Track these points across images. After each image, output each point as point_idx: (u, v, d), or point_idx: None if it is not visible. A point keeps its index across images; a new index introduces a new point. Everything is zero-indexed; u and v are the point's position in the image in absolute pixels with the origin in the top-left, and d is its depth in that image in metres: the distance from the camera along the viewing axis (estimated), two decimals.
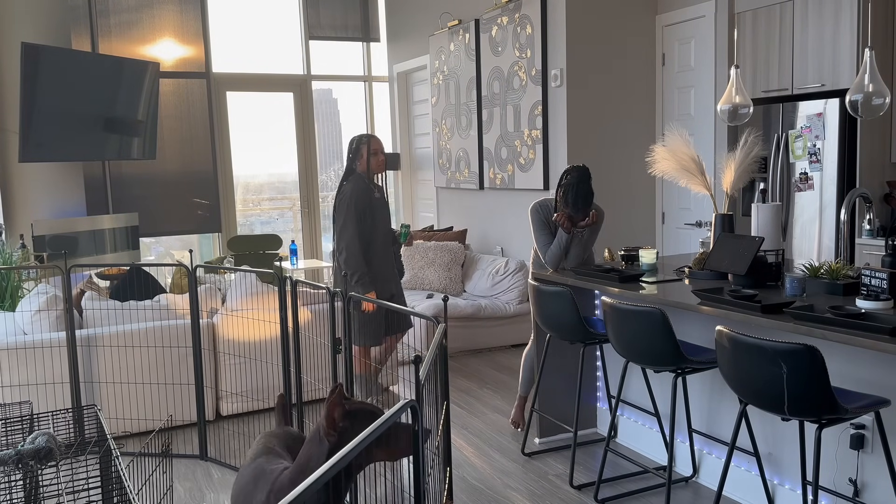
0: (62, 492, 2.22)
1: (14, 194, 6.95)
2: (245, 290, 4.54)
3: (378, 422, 1.45)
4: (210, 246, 8.30)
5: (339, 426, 2.04)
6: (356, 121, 8.83)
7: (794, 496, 3.08)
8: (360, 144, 4.34)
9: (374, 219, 4.31)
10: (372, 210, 4.30)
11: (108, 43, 7.25)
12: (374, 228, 4.32)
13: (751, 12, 4.97)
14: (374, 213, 4.31)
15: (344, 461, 1.27)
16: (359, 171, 4.35)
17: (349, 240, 4.20)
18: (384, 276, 4.39)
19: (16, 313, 4.37)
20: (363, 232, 4.27)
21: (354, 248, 4.20)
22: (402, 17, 8.23)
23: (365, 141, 4.34)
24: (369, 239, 4.31)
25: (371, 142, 4.34)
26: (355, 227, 4.22)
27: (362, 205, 4.25)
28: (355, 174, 4.35)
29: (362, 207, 4.25)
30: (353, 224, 4.21)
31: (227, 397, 4.53)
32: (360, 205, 4.24)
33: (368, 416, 2.06)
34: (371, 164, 4.33)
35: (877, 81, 3.29)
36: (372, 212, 4.30)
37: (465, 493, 3.52)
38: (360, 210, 4.25)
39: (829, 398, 2.40)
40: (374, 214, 4.31)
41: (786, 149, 4.75)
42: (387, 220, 4.42)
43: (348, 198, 4.25)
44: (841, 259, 3.70)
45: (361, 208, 4.25)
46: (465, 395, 4.89)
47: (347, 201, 4.25)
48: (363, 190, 4.29)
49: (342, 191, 4.33)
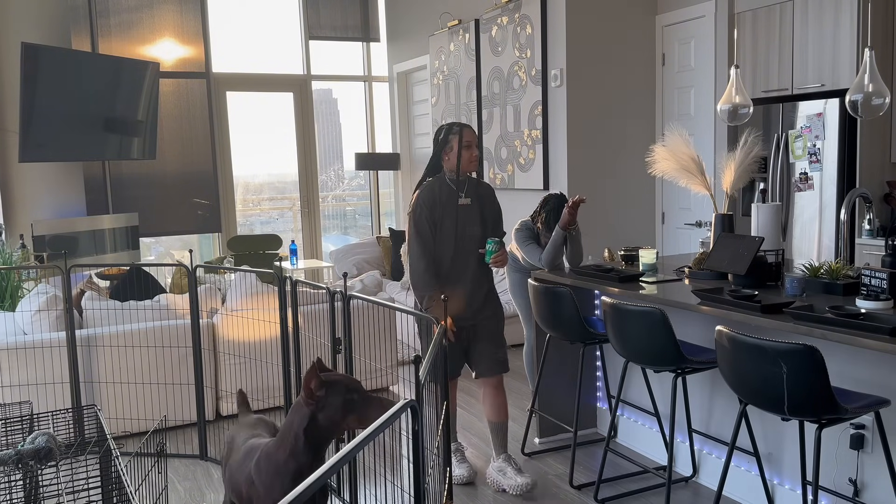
0: (62, 492, 2.22)
1: (14, 194, 6.95)
2: (245, 290, 4.54)
3: (378, 422, 1.45)
4: (210, 246, 8.30)
5: (317, 395, 2.25)
6: (356, 121, 8.84)
7: (794, 496, 3.08)
8: (450, 135, 3.47)
9: (453, 231, 3.49)
10: (448, 219, 3.48)
11: (108, 43, 7.25)
12: (449, 242, 3.49)
13: (751, 12, 4.97)
14: (451, 224, 3.48)
15: (344, 460, 1.27)
16: (446, 170, 3.52)
17: (414, 261, 3.47)
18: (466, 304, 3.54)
19: (16, 313, 4.37)
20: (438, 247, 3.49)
21: (419, 269, 3.44)
22: (402, 17, 8.23)
23: (456, 131, 3.46)
24: (447, 256, 3.49)
25: (464, 132, 3.46)
26: (421, 244, 3.44)
27: (436, 214, 3.46)
28: (438, 174, 3.54)
29: (436, 217, 3.46)
30: (418, 240, 3.45)
31: (227, 397, 4.52)
32: (433, 214, 3.46)
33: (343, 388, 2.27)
34: (462, 160, 3.47)
35: (877, 81, 3.29)
36: (449, 222, 3.47)
37: (465, 493, 3.52)
38: (432, 221, 3.46)
39: (829, 398, 2.40)
40: (451, 225, 3.48)
41: (786, 149, 4.75)
42: (473, 233, 3.53)
43: (415, 205, 3.49)
44: (841, 259, 3.70)
45: (434, 218, 3.46)
46: (465, 395, 4.89)
47: (413, 209, 3.49)
48: (440, 195, 3.48)
49: (413, 198, 3.54)
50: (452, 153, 3.46)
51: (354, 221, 9.49)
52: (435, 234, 3.47)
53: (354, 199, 9.59)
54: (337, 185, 9.28)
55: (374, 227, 8.89)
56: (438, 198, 3.46)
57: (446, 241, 3.48)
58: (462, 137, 3.45)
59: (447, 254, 3.49)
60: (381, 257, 7.25)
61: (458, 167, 3.46)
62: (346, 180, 9.42)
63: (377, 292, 5.67)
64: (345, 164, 9.14)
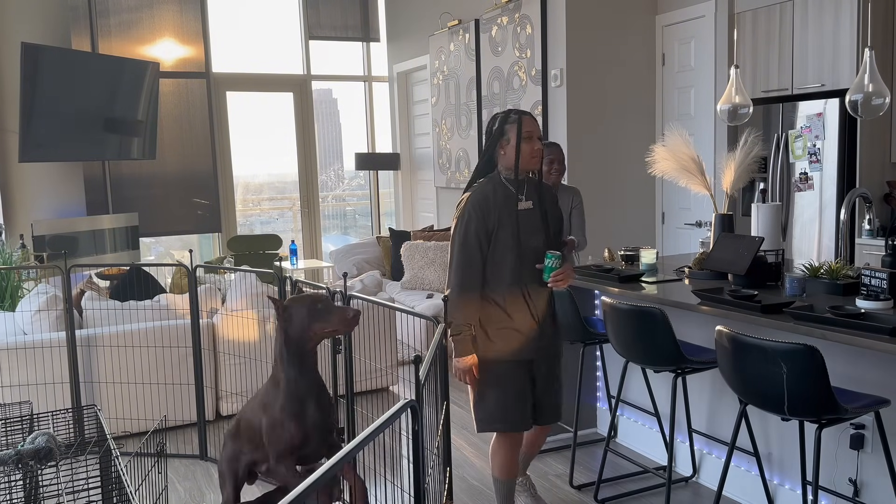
0: (62, 492, 2.22)
1: (14, 194, 6.95)
2: (245, 290, 4.54)
3: (378, 422, 1.45)
4: (210, 246, 8.30)
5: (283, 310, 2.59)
6: (356, 121, 8.84)
7: (794, 496, 3.08)
8: (507, 124, 2.82)
9: (512, 243, 2.81)
10: (506, 229, 2.81)
11: (108, 43, 7.25)
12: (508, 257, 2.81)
13: (751, 12, 4.97)
14: (509, 235, 2.81)
15: (344, 460, 1.27)
16: (501, 167, 2.86)
17: (452, 275, 2.83)
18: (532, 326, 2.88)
19: (16, 313, 4.37)
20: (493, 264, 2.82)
21: (456, 286, 2.80)
22: (402, 17, 8.23)
23: (514, 119, 2.81)
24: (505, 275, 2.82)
25: (523, 121, 2.81)
26: (465, 257, 2.79)
27: (490, 222, 2.79)
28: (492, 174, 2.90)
29: (490, 226, 2.80)
30: (462, 253, 2.80)
31: (227, 397, 4.52)
32: (486, 222, 2.79)
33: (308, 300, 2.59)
34: (523, 154, 2.80)
35: (877, 81, 3.29)
36: (507, 232, 2.80)
37: (465, 493, 3.52)
38: (485, 230, 2.79)
39: (829, 398, 2.40)
40: (509, 236, 2.81)
41: (786, 149, 4.75)
42: (537, 245, 2.85)
43: (463, 209, 2.82)
44: (841, 259, 3.69)
45: (489, 228, 2.79)
46: (466, 395, 4.88)
47: (461, 215, 2.82)
48: (494, 199, 2.81)
49: (460, 203, 2.87)
50: (509, 146, 2.81)
51: (354, 221, 9.49)
52: (488, 248, 2.81)
53: (354, 199, 9.60)
54: (337, 185, 9.28)
55: (374, 227, 8.89)
56: (493, 202, 2.80)
57: (504, 255, 2.80)
58: (521, 127, 2.80)
59: (505, 272, 2.81)
60: (381, 257, 7.25)
61: (517, 163, 2.80)
62: (346, 180, 9.42)
63: (377, 292, 5.67)
64: (345, 164, 9.14)
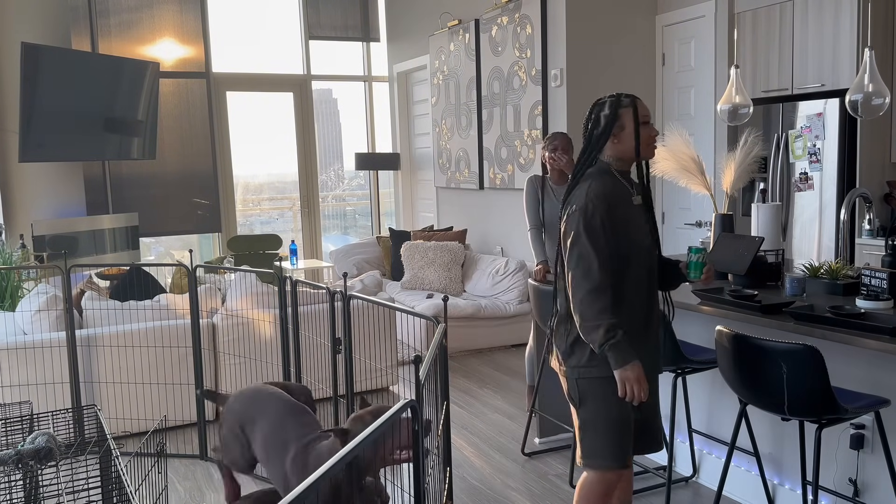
0: (62, 492, 2.22)
1: (14, 194, 6.95)
2: (245, 290, 4.54)
3: (378, 422, 1.45)
4: (210, 246, 8.30)
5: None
6: (356, 121, 8.84)
7: (794, 496, 3.08)
8: (620, 108, 2.44)
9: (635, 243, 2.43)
10: (628, 225, 2.42)
11: (108, 43, 7.25)
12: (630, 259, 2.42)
13: (751, 12, 4.97)
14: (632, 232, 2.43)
15: (348, 456, 1.27)
16: (608, 158, 2.46)
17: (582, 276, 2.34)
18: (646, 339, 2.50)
19: (16, 313, 4.37)
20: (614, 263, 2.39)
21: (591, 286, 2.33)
22: (402, 17, 8.23)
23: (627, 103, 2.44)
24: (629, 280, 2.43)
25: (638, 105, 2.45)
26: (597, 252, 2.34)
27: (617, 216, 2.40)
28: (598, 165, 2.48)
29: (617, 220, 2.39)
30: (593, 248, 2.34)
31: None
32: (612, 215, 2.39)
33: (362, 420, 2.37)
34: (641, 142, 2.43)
35: (877, 81, 3.29)
36: (627, 228, 2.42)
37: (465, 493, 3.52)
38: (611, 224, 2.38)
39: (829, 398, 2.40)
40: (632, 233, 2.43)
41: (786, 149, 4.75)
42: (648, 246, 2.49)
43: (587, 199, 2.39)
44: (841, 259, 3.69)
45: (615, 221, 2.39)
46: (465, 395, 4.89)
47: (584, 207, 2.38)
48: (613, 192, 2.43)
49: (574, 196, 2.45)
50: (624, 133, 2.43)
51: (354, 221, 9.49)
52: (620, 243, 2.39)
53: (354, 199, 9.60)
54: (337, 184, 9.28)
55: (374, 227, 8.89)
56: (614, 196, 2.42)
57: (626, 256, 2.41)
58: (637, 111, 2.43)
59: (629, 277, 2.42)
60: (381, 257, 7.25)
61: (638, 152, 2.43)
62: (346, 180, 9.42)
63: (377, 292, 5.67)
64: (345, 163, 9.14)
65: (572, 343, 2.44)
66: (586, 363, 2.42)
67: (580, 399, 2.45)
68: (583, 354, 2.42)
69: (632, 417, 2.46)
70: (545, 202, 4.23)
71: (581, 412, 2.47)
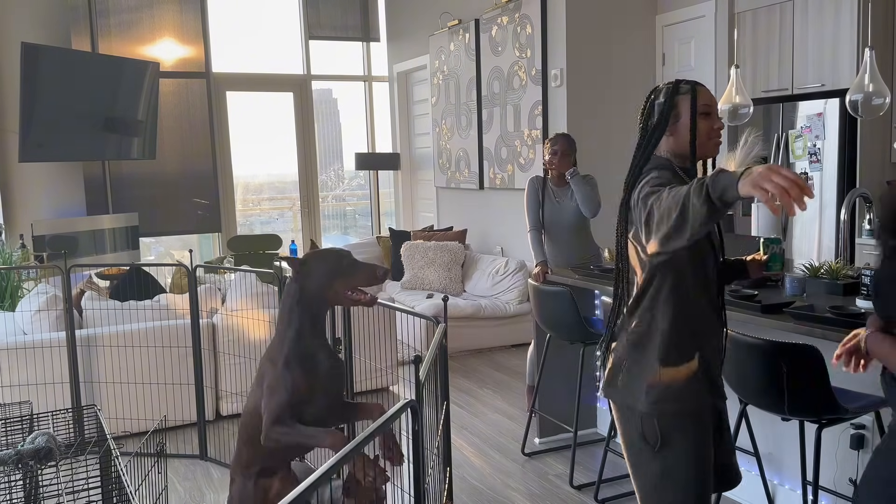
0: (62, 492, 2.22)
1: (14, 194, 6.95)
2: (245, 290, 4.54)
3: (378, 422, 1.45)
4: (210, 246, 8.30)
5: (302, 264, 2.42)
6: (356, 121, 8.84)
7: (794, 496, 3.08)
8: (677, 96, 2.11)
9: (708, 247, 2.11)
10: None
11: (108, 43, 7.25)
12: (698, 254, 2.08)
13: (751, 12, 4.97)
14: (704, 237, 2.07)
15: (344, 460, 1.27)
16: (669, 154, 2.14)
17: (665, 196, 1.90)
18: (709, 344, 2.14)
19: (16, 313, 4.37)
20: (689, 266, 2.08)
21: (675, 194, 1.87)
22: (402, 17, 8.23)
23: (686, 90, 2.11)
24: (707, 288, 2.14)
25: (699, 92, 2.11)
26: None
27: None
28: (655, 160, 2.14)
29: None
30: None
31: (227, 397, 4.52)
32: None
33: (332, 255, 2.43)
34: (700, 135, 2.09)
35: (877, 81, 3.29)
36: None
37: (465, 493, 3.52)
38: None
39: (829, 398, 2.40)
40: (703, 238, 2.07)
41: (786, 149, 4.75)
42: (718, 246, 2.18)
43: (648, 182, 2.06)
44: (841, 259, 3.69)
45: None
46: (465, 395, 4.89)
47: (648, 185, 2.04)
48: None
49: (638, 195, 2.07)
50: (680, 125, 2.10)
51: (354, 221, 9.49)
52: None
53: (354, 199, 9.60)
54: (337, 184, 9.28)
55: (374, 227, 8.89)
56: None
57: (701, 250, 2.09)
58: (697, 99, 2.09)
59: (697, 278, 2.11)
60: (381, 257, 7.25)
61: (694, 147, 2.08)
62: (346, 180, 9.42)
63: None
64: (345, 163, 9.14)
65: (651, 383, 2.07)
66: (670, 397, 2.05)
67: (661, 441, 2.06)
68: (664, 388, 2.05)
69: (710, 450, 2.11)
70: (546, 203, 4.22)
71: (661, 458, 2.07)
